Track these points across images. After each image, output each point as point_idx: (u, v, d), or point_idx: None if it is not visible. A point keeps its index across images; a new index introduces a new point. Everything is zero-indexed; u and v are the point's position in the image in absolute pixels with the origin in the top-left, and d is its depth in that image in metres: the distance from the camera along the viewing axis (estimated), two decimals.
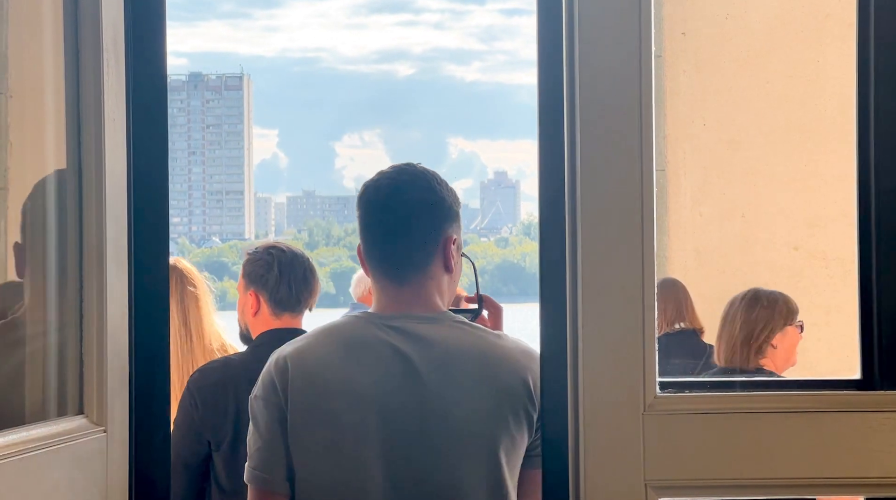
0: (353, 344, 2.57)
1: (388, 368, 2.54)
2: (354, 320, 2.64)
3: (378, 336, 2.57)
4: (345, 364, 2.53)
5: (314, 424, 2.55)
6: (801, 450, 2.92)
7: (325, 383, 2.56)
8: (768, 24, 3.10)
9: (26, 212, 3.11)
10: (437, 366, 2.59)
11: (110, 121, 2.92)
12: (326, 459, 2.53)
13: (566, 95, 2.97)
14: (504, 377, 2.73)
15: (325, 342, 2.64)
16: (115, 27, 2.95)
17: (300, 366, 2.60)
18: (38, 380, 3.00)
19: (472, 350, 2.68)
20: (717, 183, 3.07)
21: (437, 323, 2.64)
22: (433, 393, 2.56)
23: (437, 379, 2.57)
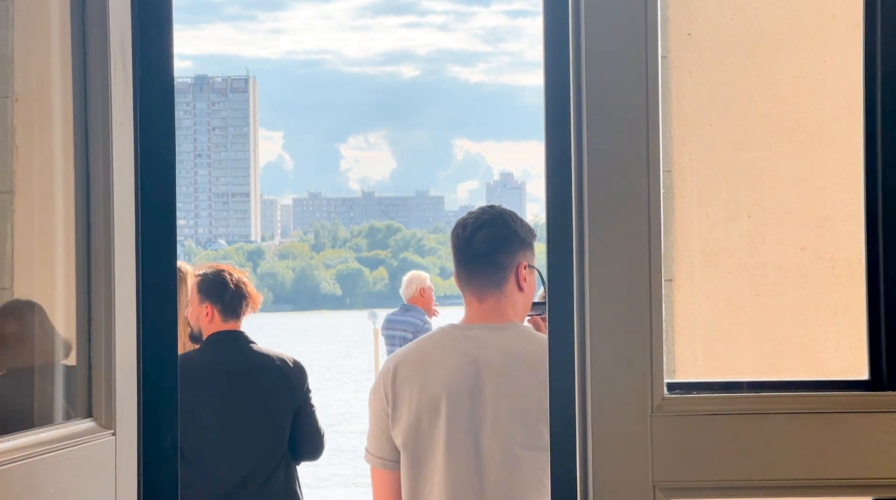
0: (436, 348, 3.38)
1: (458, 365, 3.32)
2: (441, 330, 3.46)
3: (454, 342, 3.36)
4: (428, 363, 3.34)
5: (405, 407, 3.33)
6: (809, 451, 2.92)
7: (413, 377, 3.35)
8: (774, 24, 3.10)
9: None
10: (498, 364, 3.31)
11: (118, 125, 2.93)
12: (411, 433, 3.34)
13: (573, 97, 2.97)
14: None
15: (419, 348, 3.46)
16: (122, 30, 2.96)
17: (400, 366, 3.39)
18: (47, 383, 3.00)
19: (529, 352, 3.35)
20: (724, 184, 3.07)
21: (505, 331, 3.38)
22: (492, 385, 3.29)
23: (496, 375, 3.29)
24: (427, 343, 3.49)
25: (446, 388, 3.39)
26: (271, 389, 5.10)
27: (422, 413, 3.40)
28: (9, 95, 2.91)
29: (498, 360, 3.38)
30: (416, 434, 3.40)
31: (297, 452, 5.14)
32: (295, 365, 5.20)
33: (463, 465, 3.33)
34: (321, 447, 5.24)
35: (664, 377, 2.93)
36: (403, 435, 3.42)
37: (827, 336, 3.06)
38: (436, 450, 3.37)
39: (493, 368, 3.38)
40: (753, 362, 3.05)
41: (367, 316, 15.92)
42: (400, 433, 3.42)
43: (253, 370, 5.07)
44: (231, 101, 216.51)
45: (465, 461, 3.32)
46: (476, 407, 3.35)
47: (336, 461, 19.21)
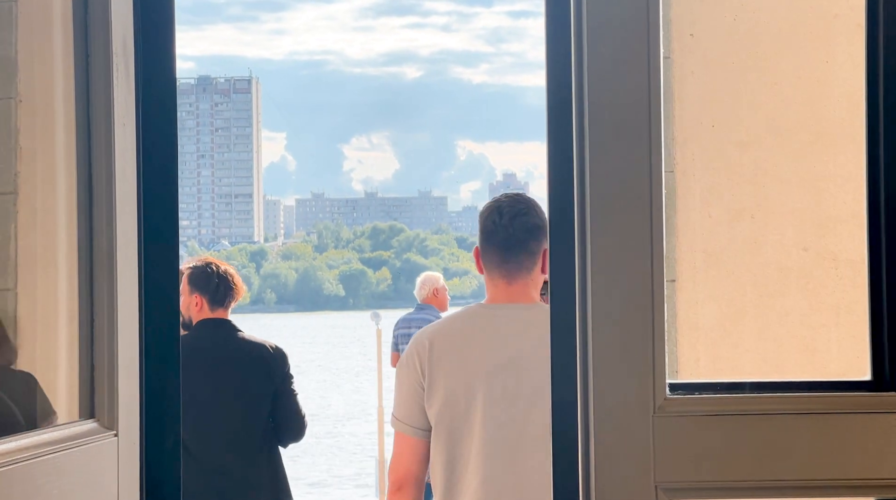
0: (472, 326, 3.59)
1: (495, 343, 3.53)
2: (472, 309, 3.63)
3: (489, 321, 3.58)
4: (465, 340, 3.55)
5: (442, 382, 3.52)
6: (811, 452, 2.92)
7: (451, 353, 3.54)
8: (777, 25, 3.10)
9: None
10: (533, 343, 3.50)
11: (120, 125, 2.93)
12: (448, 409, 3.51)
13: (575, 97, 2.97)
14: None
15: (454, 325, 3.65)
16: (124, 31, 2.96)
17: (436, 340, 3.58)
18: (50, 384, 3.01)
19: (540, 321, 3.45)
20: (726, 184, 3.07)
21: (532, 310, 3.62)
22: (525, 357, 3.52)
23: (531, 353, 3.49)
24: (461, 320, 3.70)
25: (484, 366, 3.60)
26: (251, 371, 5.46)
27: (458, 390, 3.59)
28: (12, 96, 2.91)
29: (533, 339, 3.57)
30: (454, 411, 3.59)
31: (280, 433, 5.45)
32: (275, 350, 5.60)
33: (499, 444, 3.52)
34: (302, 428, 5.52)
35: (666, 378, 2.93)
36: (439, 410, 3.60)
37: (829, 337, 3.06)
38: (473, 427, 3.55)
39: (528, 346, 3.60)
40: (756, 363, 3.05)
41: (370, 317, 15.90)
42: (435, 406, 3.61)
43: (235, 354, 5.51)
44: (234, 101, 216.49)
45: (502, 439, 3.52)
46: (513, 385, 3.57)
47: (338, 461, 19.22)
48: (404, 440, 3.68)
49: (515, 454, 3.57)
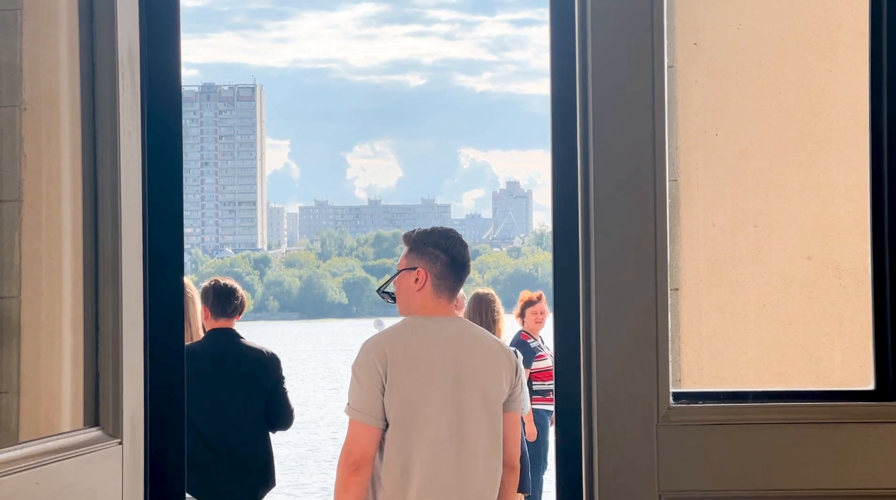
0: (422, 336, 4.28)
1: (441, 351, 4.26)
2: (419, 319, 4.35)
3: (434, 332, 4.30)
4: (417, 348, 4.25)
5: (399, 386, 4.17)
6: (815, 461, 2.91)
7: (405, 360, 4.20)
8: (780, 34, 3.10)
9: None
10: (470, 350, 4.29)
11: (126, 134, 2.94)
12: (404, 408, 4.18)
13: (579, 106, 2.98)
14: (501, 351, 4.39)
15: (404, 331, 4.30)
16: (130, 41, 2.96)
17: (392, 347, 4.22)
18: (54, 391, 3.01)
19: (480, 332, 4.44)
20: (730, 193, 3.07)
21: (461, 322, 4.44)
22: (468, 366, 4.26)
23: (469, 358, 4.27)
24: (411, 329, 4.32)
25: (434, 368, 4.24)
26: (250, 372, 6.39)
27: (413, 392, 4.20)
28: (17, 103, 2.91)
29: (472, 345, 4.33)
30: (408, 409, 4.19)
31: (272, 423, 6.45)
32: (270, 355, 6.53)
33: (446, 430, 4.21)
34: (291, 419, 6.52)
35: (670, 386, 2.93)
36: (396, 409, 4.18)
37: (833, 346, 3.06)
38: (427, 423, 4.20)
39: (468, 351, 4.31)
40: (759, 372, 3.05)
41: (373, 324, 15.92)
42: (393, 406, 4.19)
43: (237, 357, 6.39)
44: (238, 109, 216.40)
45: (451, 426, 4.21)
46: (458, 383, 4.25)
47: None
48: (364, 428, 4.22)
49: (458, 446, 4.25)
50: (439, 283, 4.35)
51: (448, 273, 4.36)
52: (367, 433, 4.21)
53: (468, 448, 4.24)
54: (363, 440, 4.22)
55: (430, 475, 4.21)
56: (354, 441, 4.23)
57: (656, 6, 2.93)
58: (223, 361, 6.34)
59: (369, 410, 4.20)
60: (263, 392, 6.40)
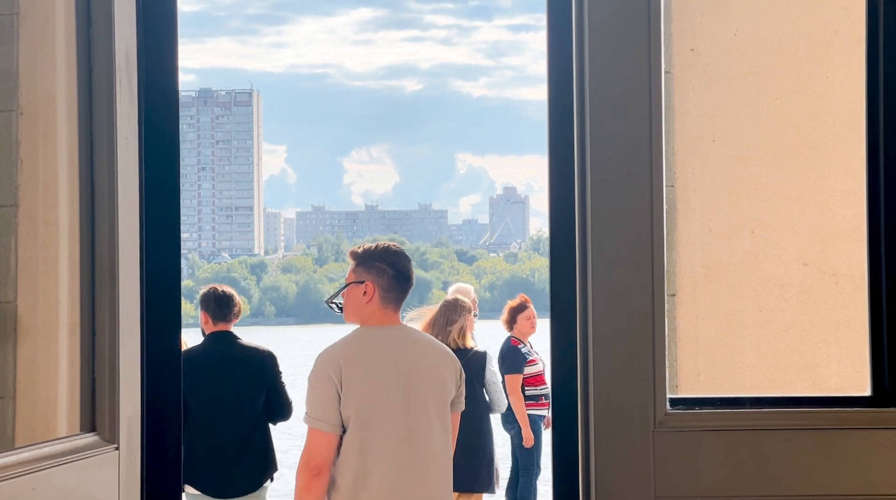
0: (372, 344, 4.59)
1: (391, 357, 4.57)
2: (369, 330, 4.65)
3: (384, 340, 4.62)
4: (369, 356, 4.55)
5: (355, 391, 4.46)
6: (811, 467, 2.92)
7: (358, 367, 4.50)
8: (777, 40, 3.10)
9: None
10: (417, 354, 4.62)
11: (123, 139, 2.94)
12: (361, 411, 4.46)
13: (576, 111, 2.98)
14: (445, 356, 4.69)
15: (357, 344, 4.60)
16: (127, 46, 2.96)
17: (347, 357, 4.52)
18: (51, 397, 3.01)
19: (424, 338, 4.79)
20: (727, 199, 3.07)
21: (406, 328, 4.75)
22: (415, 371, 4.57)
23: (417, 363, 4.59)
24: (363, 340, 4.62)
25: (386, 375, 4.53)
26: (248, 369, 6.83)
27: (368, 396, 4.48)
28: (13, 108, 2.91)
29: (419, 351, 4.65)
30: (363, 414, 4.47)
31: (273, 415, 6.95)
32: (266, 353, 6.99)
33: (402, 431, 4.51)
34: (290, 411, 7.00)
35: (667, 392, 2.93)
36: (352, 415, 4.46)
37: (829, 352, 3.06)
38: (382, 423, 4.48)
39: (416, 357, 4.62)
40: (756, 378, 3.05)
41: None
42: (349, 412, 4.47)
43: (236, 356, 6.86)
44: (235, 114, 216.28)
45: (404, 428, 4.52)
46: (408, 387, 4.56)
47: None
48: (322, 435, 4.50)
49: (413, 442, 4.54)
50: (386, 295, 4.68)
51: (394, 286, 4.69)
52: (325, 440, 4.50)
53: (422, 449, 4.56)
54: (322, 446, 4.51)
55: (386, 475, 4.50)
56: (314, 448, 4.51)
57: (653, 12, 2.93)
58: (223, 360, 6.82)
59: (326, 417, 4.49)
60: (263, 388, 6.86)
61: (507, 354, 9.52)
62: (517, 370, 9.47)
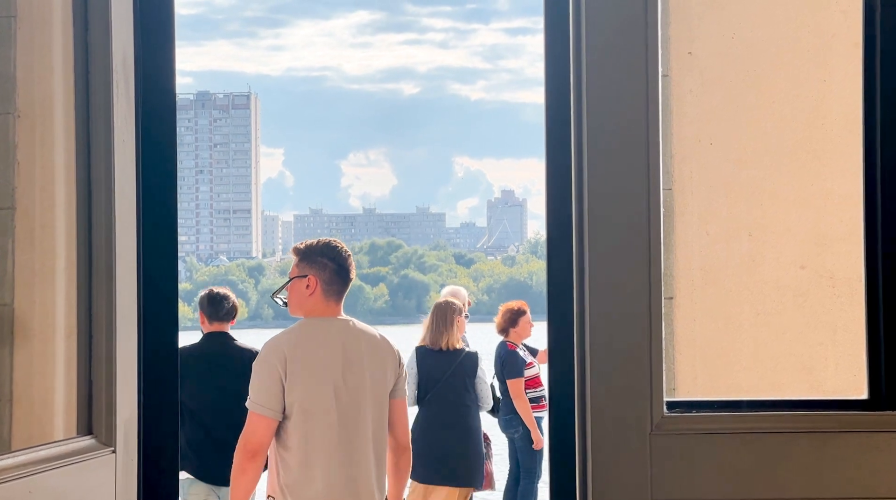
0: (316, 334, 4.89)
1: (334, 346, 4.86)
2: (312, 320, 4.92)
3: (327, 331, 4.89)
4: (312, 345, 4.84)
5: (299, 378, 4.76)
6: (808, 470, 2.92)
7: (303, 356, 4.78)
8: (775, 43, 3.10)
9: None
10: (359, 344, 4.90)
11: (120, 142, 2.94)
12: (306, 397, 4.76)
13: (573, 115, 2.98)
14: (385, 345, 4.94)
15: (301, 334, 4.89)
16: (124, 49, 2.96)
17: (289, 349, 4.80)
18: (47, 400, 3.00)
19: (365, 329, 4.97)
20: (724, 202, 3.07)
21: (350, 321, 4.99)
22: (357, 358, 4.87)
23: (359, 351, 4.88)
24: (307, 331, 4.88)
25: (328, 363, 4.81)
26: (242, 368, 6.77)
27: (311, 383, 4.75)
28: (10, 111, 2.91)
29: (360, 341, 4.91)
30: (307, 401, 4.75)
31: None
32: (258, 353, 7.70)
33: (343, 416, 4.81)
34: None
35: (664, 396, 2.93)
36: (297, 401, 4.74)
37: (826, 355, 3.06)
38: (325, 409, 4.77)
39: (357, 347, 4.90)
40: (753, 381, 3.05)
41: None
42: (294, 398, 4.74)
43: (230, 355, 7.15)
44: (233, 117, 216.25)
45: (345, 413, 4.82)
46: (349, 375, 4.84)
47: None
48: (262, 419, 4.77)
49: (355, 425, 4.86)
50: (328, 288, 4.94)
51: (335, 279, 4.96)
52: (264, 424, 4.78)
53: (362, 433, 4.88)
54: (260, 430, 4.79)
55: (329, 457, 4.80)
56: (252, 431, 4.80)
57: (650, 15, 2.93)
58: (218, 359, 7.13)
59: (268, 403, 4.76)
60: None
61: (507, 358, 9.53)
62: (519, 374, 9.49)
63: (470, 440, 8.37)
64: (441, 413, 8.37)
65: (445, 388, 8.38)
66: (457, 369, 8.35)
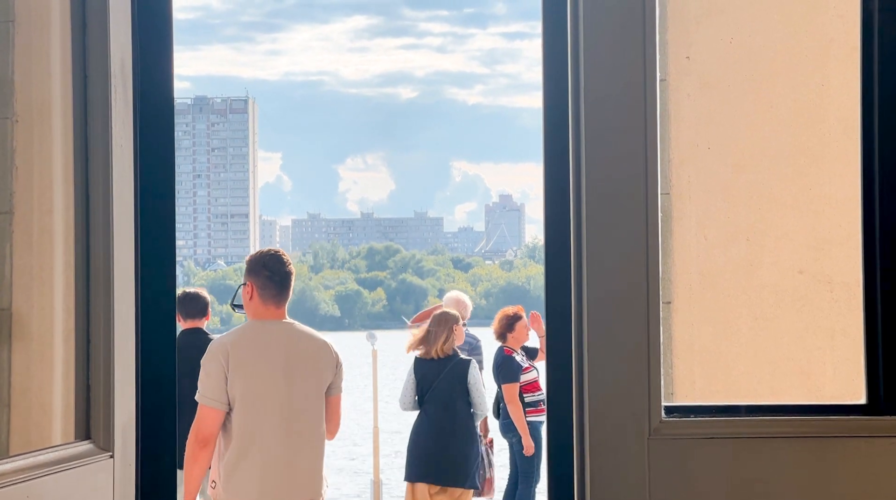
0: (258, 335, 5.47)
1: (275, 347, 5.46)
2: (254, 322, 5.54)
3: (269, 332, 5.50)
4: (254, 345, 5.42)
5: (242, 373, 5.32)
6: (806, 475, 2.91)
7: (245, 354, 5.38)
8: (773, 47, 3.10)
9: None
10: (299, 345, 5.51)
11: (118, 146, 2.94)
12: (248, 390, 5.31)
13: (571, 119, 2.98)
14: (324, 347, 5.57)
15: (244, 335, 5.49)
16: (122, 53, 2.96)
17: (233, 347, 5.39)
18: (45, 404, 3.00)
19: (304, 331, 5.60)
20: (722, 206, 3.07)
21: (293, 324, 5.60)
22: (296, 358, 5.46)
23: (299, 352, 5.48)
24: (249, 332, 5.48)
25: (268, 360, 5.37)
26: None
27: (252, 379, 5.30)
28: (8, 116, 2.91)
29: (301, 343, 5.52)
30: (248, 394, 5.29)
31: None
32: None
33: (281, 409, 5.37)
34: None
35: (662, 400, 2.93)
36: (240, 393, 5.29)
37: (824, 360, 3.06)
38: (264, 402, 5.30)
39: (296, 347, 5.49)
40: (751, 385, 3.05)
41: (365, 337, 15.89)
42: (236, 391, 5.30)
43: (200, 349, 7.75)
44: (230, 122, 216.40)
45: (283, 407, 5.38)
46: (289, 372, 5.42)
47: (333, 481, 19.23)
48: (210, 411, 5.31)
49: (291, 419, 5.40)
50: (263, 293, 5.57)
51: (269, 284, 5.57)
52: (212, 415, 5.33)
53: (298, 426, 5.44)
54: (209, 420, 5.33)
55: (265, 447, 5.31)
56: (202, 422, 5.34)
57: (649, 19, 2.93)
58: (192, 353, 7.44)
59: (215, 396, 5.32)
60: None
61: (503, 364, 9.61)
62: (514, 379, 9.58)
63: (456, 442, 8.68)
64: (434, 417, 8.74)
65: (438, 392, 8.76)
66: (447, 374, 8.74)
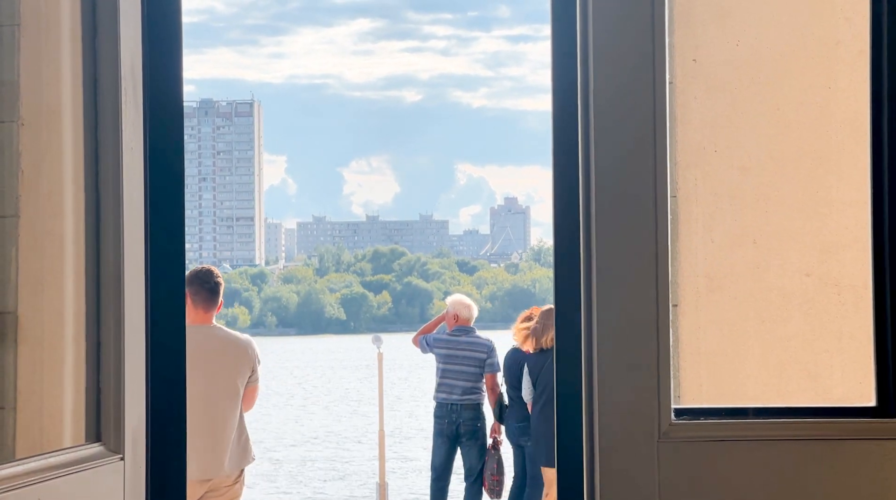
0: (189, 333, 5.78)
1: (202, 349, 6.79)
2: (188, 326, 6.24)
3: (198, 336, 6.70)
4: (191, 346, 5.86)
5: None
6: (816, 477, 2.91)
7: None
8: (779, 50, 3.10)
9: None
10: (220, 346, 6.92)
11: (128, 150, 2.94)
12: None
13: (580, 122, 2.98)
14: (243, 345, 6.96)
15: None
16: (132, 57, 2.97)
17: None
18: (55, 407, 3.00)
19: (226, 333, 7.00)
20: (729, 209, 3.06)
21: (217, 328, 6.97)
22: (218, 358, 6.85)
23: (220, 353, 6.91)
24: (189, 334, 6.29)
25: (194, 357, 5.98)
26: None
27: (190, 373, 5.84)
28: (14, 119, 2.91)
29: (220, 344, 6.90)
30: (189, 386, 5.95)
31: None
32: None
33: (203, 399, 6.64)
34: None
35: (671, 403, 2.93)
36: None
37: (832, 362, 3.06)
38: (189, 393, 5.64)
39: (218, 349, 6.88)
40: (759, 388, 3.05)
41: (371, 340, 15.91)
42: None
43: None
44: (235, 125, 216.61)
45: (208, 395, 6.71)
46: (211, 371, 6.79)
47: (338, 485, 19.24)
48: None
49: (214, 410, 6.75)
50: (193, 301, 6.91)
51: (194, 294, 6.90)
52: None
53: (217, 413, 6.77)
54: None
55: (195, 430, 5.90)
56: None
57: (658, 22, 2.94)
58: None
59: None
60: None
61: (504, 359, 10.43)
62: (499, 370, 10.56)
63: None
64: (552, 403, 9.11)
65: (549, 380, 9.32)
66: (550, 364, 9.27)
